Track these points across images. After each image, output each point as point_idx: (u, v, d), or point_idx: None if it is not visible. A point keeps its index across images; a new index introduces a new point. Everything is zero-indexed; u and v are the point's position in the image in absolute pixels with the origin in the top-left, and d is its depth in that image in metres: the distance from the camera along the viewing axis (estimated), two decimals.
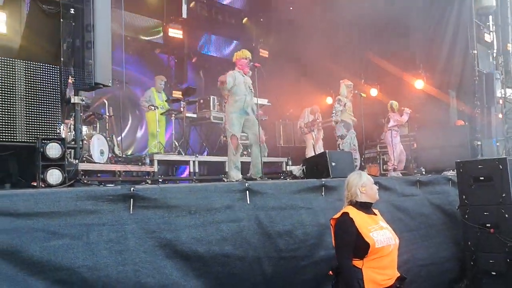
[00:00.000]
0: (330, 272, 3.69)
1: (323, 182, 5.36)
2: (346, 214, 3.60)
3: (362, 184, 3.74)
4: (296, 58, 12.01)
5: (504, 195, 5.86)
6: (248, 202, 4.52)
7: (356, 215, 3.59)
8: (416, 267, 5.97)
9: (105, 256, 3.44)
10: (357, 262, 3.49)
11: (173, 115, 9.16)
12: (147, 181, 7.05)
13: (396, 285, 3.55)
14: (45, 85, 4.42)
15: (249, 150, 7.07)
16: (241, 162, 6.64)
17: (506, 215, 5.82)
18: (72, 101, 4.63)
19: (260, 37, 14.18)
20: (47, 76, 4.43)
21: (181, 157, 8.51)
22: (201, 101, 9.79)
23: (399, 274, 3.61)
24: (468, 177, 6.22)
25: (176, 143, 9.01)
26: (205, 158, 9.15)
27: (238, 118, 6.41)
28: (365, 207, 3.70)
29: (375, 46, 11.81)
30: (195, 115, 9.69)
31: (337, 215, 3.68)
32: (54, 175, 4.14)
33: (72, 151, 4.90)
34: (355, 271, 3.45)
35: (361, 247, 3.46)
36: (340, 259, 3.56)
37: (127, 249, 3.56)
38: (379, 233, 3.54)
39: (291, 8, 13.27)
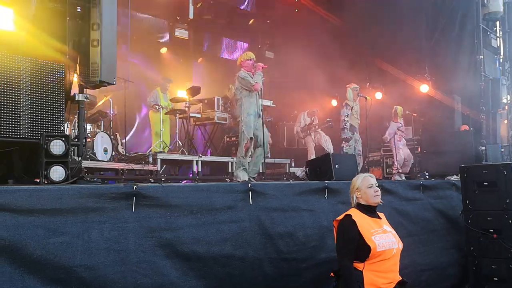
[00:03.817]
0: (332, 274, 3.69)
1: (326, 184, 5.33)
2: (349, 216, 3.59)
3: (357, 188, 3.75)
4: (302, 60, 12.01)
5: (508, 200, 5.84)
6: (251, 202, 4.51)
7: (359, 217, 3.58)
8: (416, 272, 5.94)
9: (104, 256, 3.42)
10: (358, 265, 3.48)
11: (178, 115, 9.19)
12: (150, 179, 7.07)
13: None
14: (50, 82, 4.43)
15: (253, 151, 7.05)
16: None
17: (510, 221, 5.80)
18: (76, 99, 4.64)
19: (266, 39, 14.20)
20: (52, 73, 4.44)
21: (184, 156, 8.53)
22: (206, 101, 9.82)
23: (400, 278, 3.60)
24: (472, 182, 6.20)
25: (180, 143, 9.04)
26: (208, 158, 9.17)
27: (253, 120, 6.40)
28: (369, 210, 3.69)
29: (381, 49, 11.79)
30: (199, 115, 9.72)
31: (340, 217, 3.68)
32: (57, 172, 4.13)
33: (76, 148, 4.90)
34: (356, 274, 3.44)
35: (363, 250, 3.45)
36: (341, 261, 3.55)
37: (127, 249, 3.54)
38: (382, 236, 3.52)
39: (296, 10, 13.28)
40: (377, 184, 3.76)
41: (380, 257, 3.46)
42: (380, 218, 3.76)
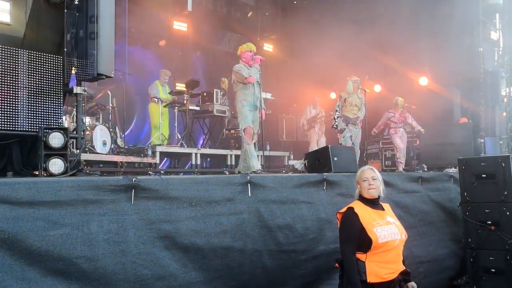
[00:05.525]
0: (337, 265, 3.72)
1: (325, 177, 5.34)
2: (351, 209, 3.62)
3: (356, 180, 3.81)
4: (300, 53, 11.99)
5: (506, 192, 5.86)
6: (250, 195, 4.52)
7: (361, 210, 3.60)
8: (414, 264, 5.96)
9: (104, 247, 3.44)
10: (361, 256, 3.51)
11: (176, 107, 9.18)
12: (149, 172, 7.07)
13: (399, 279, 3.56)
14: (48, 75, 4.42)
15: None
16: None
17: (508, 213, 5.82)
18: (74, 92, 4.63)
19: (265, 31, 14.15)
20: (50, 66, 4.43)
21: (183, 149, 8.54)
22: (205, 94, 9.80)
23: (403, 268, 3.63)
24: (470, 175, 6.21)
25: (179, 136, 9.04)
26: (207, 150, 9.17)
27: (249, 111, 6.40)
28: (371, 202, 3.70)
29: (380, 42, 11.75)
30: (198, 108, 9.71)
31: (343, 209, 3.70)
32: (56, 165, 4.13)
33: (74, 141, 4.90)
34: (359, 264, 3.48)
35: (365, 242, 3.48)
36: (343, 252, 3.59)
37: (126, 240, 3.56)
38: (384, 228, 3.54)
39: (295, 2, 13.25)
40: (374, 177, 3.71)
41: (383, 248, 3.49)
42: (384, 210, 3.76)
